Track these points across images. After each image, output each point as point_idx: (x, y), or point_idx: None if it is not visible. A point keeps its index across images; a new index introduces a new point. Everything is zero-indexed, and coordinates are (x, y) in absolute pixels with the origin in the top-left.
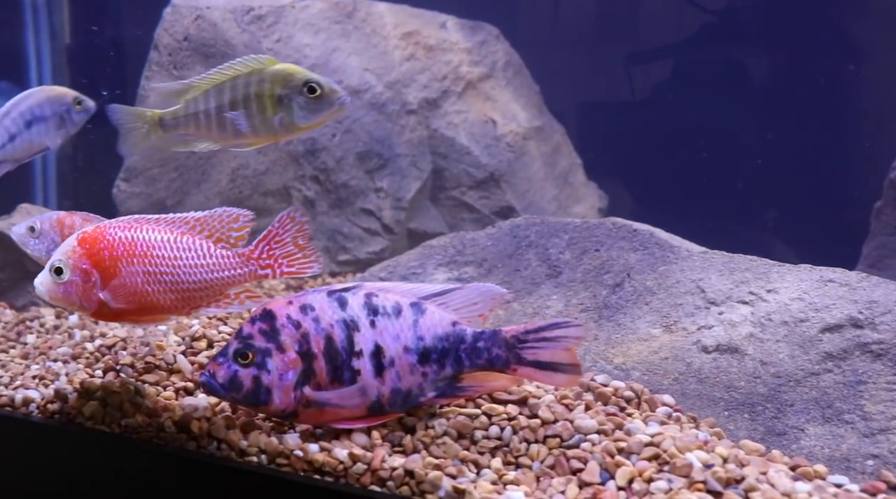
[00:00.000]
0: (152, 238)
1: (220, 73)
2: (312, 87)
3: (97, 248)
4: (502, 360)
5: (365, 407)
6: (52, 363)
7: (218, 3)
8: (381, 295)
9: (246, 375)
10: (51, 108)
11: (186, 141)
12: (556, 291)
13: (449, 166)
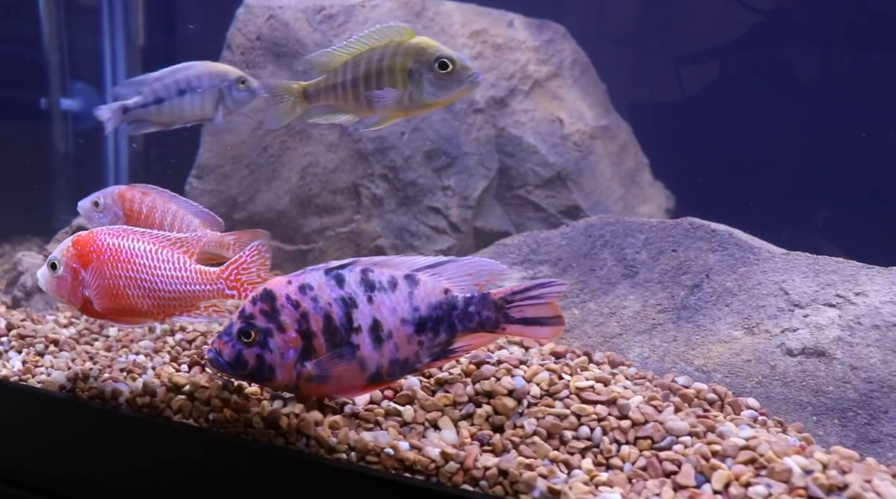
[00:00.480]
0: (137, 247)
1: (361, 42)
2: (444, 62)
3: (87, 250)
4: (492, 321)
5: (364, 379)
6: (135, 356)
7: (290, 2)
8: (377, 270)
9: (250, 354)
10: (209, 81)
11: (328, 113)
12: (632, 291)
13: (515, 165)
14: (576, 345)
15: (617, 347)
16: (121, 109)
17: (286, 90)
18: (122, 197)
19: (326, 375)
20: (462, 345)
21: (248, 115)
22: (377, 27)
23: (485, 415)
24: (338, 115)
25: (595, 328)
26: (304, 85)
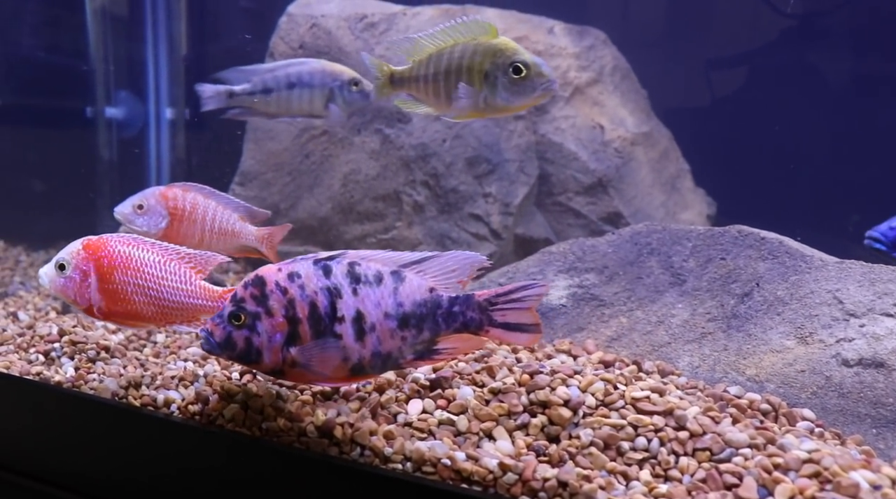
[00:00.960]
0: (146, 257)
1: (446, 34)
2: (518, 67)
3: (99, 254)
4: (476, 322)
5: (347, 369)
6: (184, 363)
7: (332, 11)
8: (364, 264)
9: (239, 336)
10: (321, 78)
11: (410, 102)
12: (680, 299)
13: (556, 172)
14: (624, 354)
15: (666, 356)
16: (226, 93)
17: (378, 69)
18: (164, 197)
19: (310, 361)
20: (447, 347)
21: (291, 123)
22: (463, 20)
23: (540, 425)
24: (420, 105)
25: (643, 337)
26: (392, 70)
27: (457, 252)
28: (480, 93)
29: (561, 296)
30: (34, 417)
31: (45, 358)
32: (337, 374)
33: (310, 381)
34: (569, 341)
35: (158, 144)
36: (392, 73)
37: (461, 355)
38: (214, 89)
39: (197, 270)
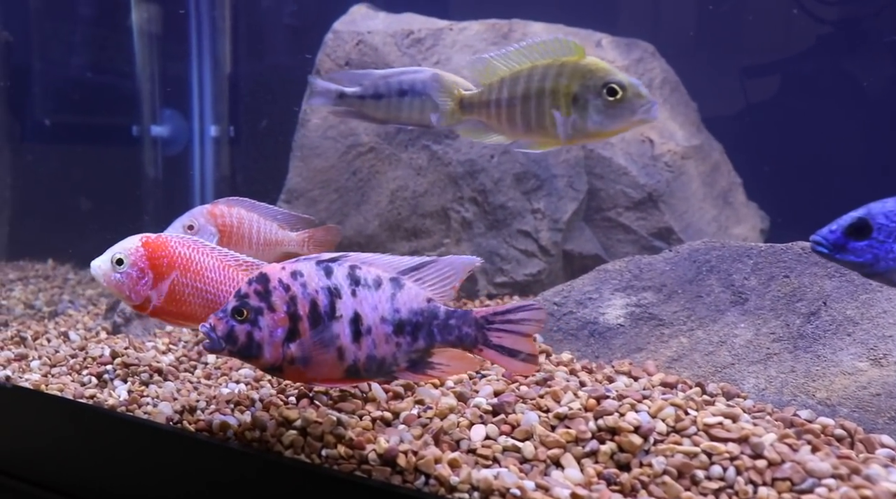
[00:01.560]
0: (206, 262)
1: (522, 54)
2: (613, 88)
3: (158, 254)
4: (471, 338)
5: (342, 370)
6: (236, 385)
7: (378, 27)
8: (364, 268)
9: (241, 330)
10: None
11: (479, 130)
12: (743, 318)
13: (605, 187)
14: (686, 375)
15: (730, 377)
16: (337, 93)
17: (448, 93)
18: (212, 214)
19: (308, 357)
20: (441, 363)
21: (338, 140)
22: (542, 39)
23: (609, 452)
24: (489, 134)
25: (705, 357)
26: (462, 94)
27: (451, 257)
28: (569, 118)
29: (618, 315)
30: (87, 440)
31: (98, 380)
32: (332, 374)
33: (307, 380)
34: (628, 362)
35: (202, 162)
36: (462, 98)
37: (453, 375)
38: (325, 86)
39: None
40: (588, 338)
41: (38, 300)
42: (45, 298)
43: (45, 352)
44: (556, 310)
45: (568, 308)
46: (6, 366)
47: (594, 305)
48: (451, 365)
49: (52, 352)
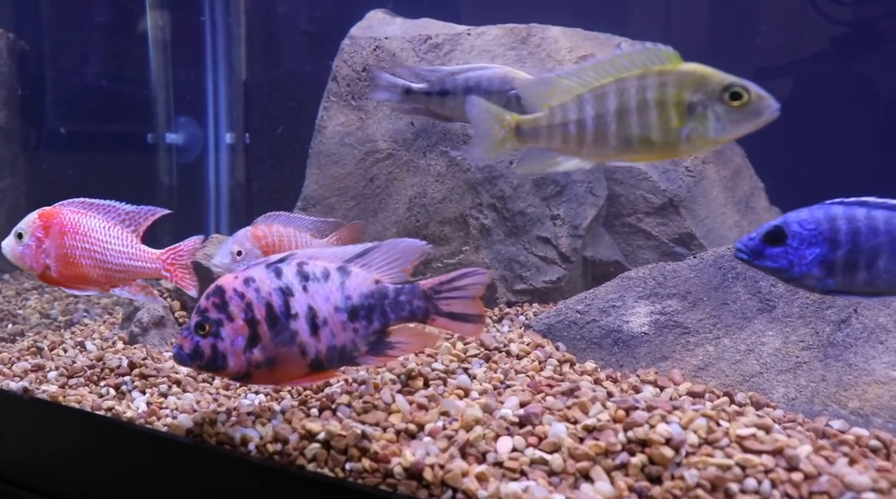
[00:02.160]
0: (93, 223)
1: (599, 69)
2: (737, 92)
3: (51, 222)
4: (422, 310)
5: (306, 365)
6: (255, 396)
7: (395, 33)
8: (311, 262)
9: (206, 344)
10: (499, 85)
11: (543, 160)
12: (770, 326)
13: (625, 192)
14: (713, 384)
15: (758, 386)
16: (403, 88)
17: (498, 120)
18: (256, 237)
19: (272, 359)
20: (399, 341)
21: (355, 147)
22: (624, 50)
23: (640, 465)
24: (561, 160)
25: (732, 366)
26: (519, 119)
27: (397, 240)
28: (682, 129)
29: (643, 323)
30: (106, 453)
31: (116, 392)
32: (298, 371)
33: (275, 381)
34: (654, 371)
35: (217, 169)
36: (519, 125)
37: (413, 352)
38: (391, 80)
39: (134, 231)
40: (612, 346)
41: (53, 310)
42: (60, 307)
43: (62, 362)
44: (579, 318)
45: (591, 316)
46: (23, 377)
47: (618, 314)
48: (409, 342)
49: (69, 362)
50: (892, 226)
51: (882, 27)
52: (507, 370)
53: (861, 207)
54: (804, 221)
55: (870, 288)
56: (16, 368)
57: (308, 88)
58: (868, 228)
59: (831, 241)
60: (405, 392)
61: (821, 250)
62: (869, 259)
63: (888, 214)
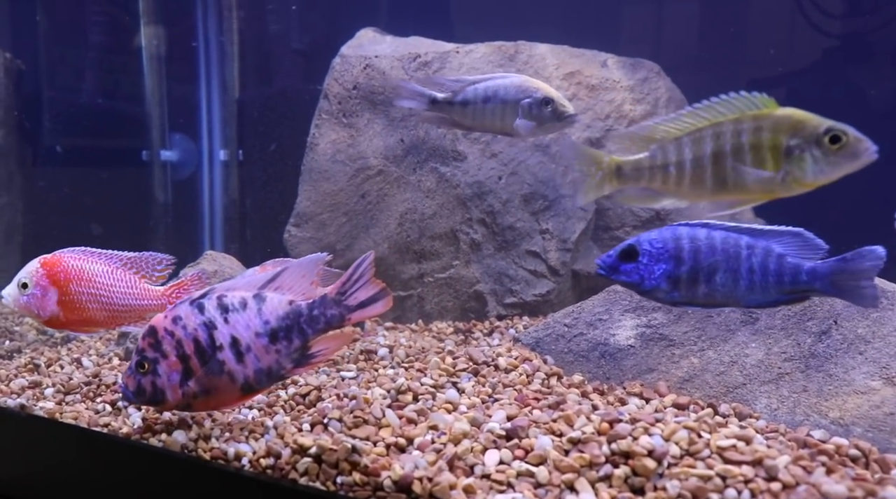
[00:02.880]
0: (96, 269)
1: (695, 115)
2: (836, 136)
3: (55, 270)
4: (337, 317)
5: (238, 389)
6: (249, 411)
7: (385, 51)
8: (230, 294)
9: (146, 381)
10: (514, 94)
11: (646, 196)
12: (753, 338)
13: (613, 206)
14: (697, 395)
15: (742, 398)
16: (429, 98)
17: (595, 162)
18: None
19: (206, 389)
20: (320, 349)
21: (346, 163)
22: (721, 97)
23: (623, 476)
24: (659, 197)
25: (716, 378)
26: (619, 161)
27: (300, 259)
28: (778, 173)
29: (629, 336)
30: (103, 469)
31: (112, 408)
32: (231, 396)
33: (214, 407)
34: (640, 384)
35: (212, 185)
36: (619, 166)
37: (335, 354)
38: (417, 90)
39: (141, 275)
40: (599, 359)
41: None
42: None
43: (59, 379)
44: (567, 331)
45: (578, 329)
46: (20, 394)
47: (604, 327)
48: (329, 347)
49: (66, 379)
50: (727, 245)
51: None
52: (496, 384)
53: (703, 228)
54: (653, 241)
55: (709, 300)
56: (13, 385)
57: (300, 106)
58: (707, 247)
59: (676, 258)
60: (395, 407)
61: (667, 266)
62: (708, 274)
63: (725, 234)
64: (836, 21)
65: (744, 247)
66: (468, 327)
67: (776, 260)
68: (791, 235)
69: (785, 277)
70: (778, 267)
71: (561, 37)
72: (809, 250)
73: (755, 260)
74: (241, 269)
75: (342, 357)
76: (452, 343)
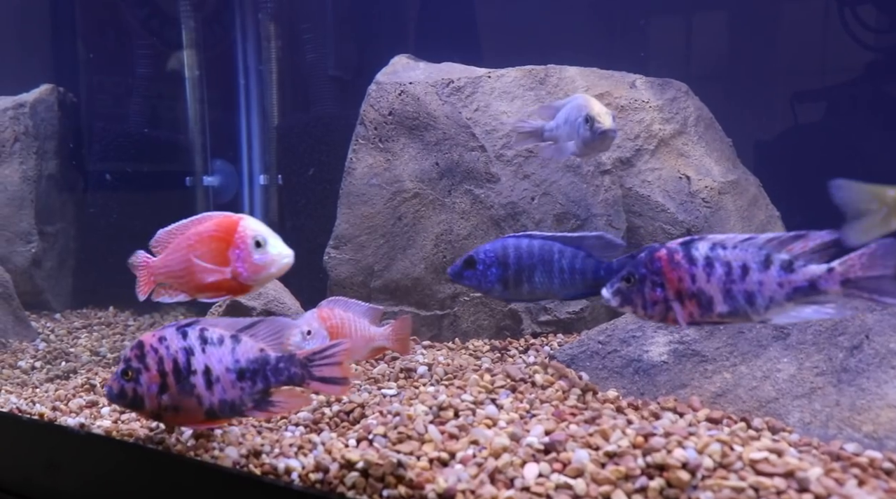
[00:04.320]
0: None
1: None
2: None
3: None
4: (298, 376)
5: (203, 413)
6: (295, 427)
7: (419, 78)
8: (211, 329)
9: (129, 387)
10: (573, 114)
11: None
12: (785, 353)
13: (644, 224)
14: (730, 410)
15: (775, 412)
16: (539, 131)
17: (876, 198)
18: (322, 318)
19: (177, 405)
20: (280, 400)
21: (383, 187)
22: None
23: (658, 488)
24: None
25: (749, 393)
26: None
27: (278, 319)
28: None
29: (662, 352)
30: (158, 484)
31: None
32: (196, 416)
33: (181, 423)
34: (673, 399)
35: (252, 209)
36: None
37: (292, 411)
38: (532, 127)
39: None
40: (633, 375)
41: (102, 347)
42: (108, 344)
43: None
44: (601, 348)
45: (612, 346)
46: (79, 413)
47: (638, 343)
48: (288, 402)
49: None
50: (543, 251)
51: None
52: (533, 400)
53: (526, 238)
54: (487, 251)
55: (531, 296)
56: (72, 405)
57: (337, 131)
58: (527, 254)
59: (503, 264)
60: (437, 423)
61: (497, 271)
62: (528, 275)
63: (542, 242)
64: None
65: (556, 252)
66: (504, 345)
67: (581, 260)
68: (594, 238)
69: (588, 273)
70: (582, 266)
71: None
72: (609, 249)
73: (564, 262)
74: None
75: (383, 376)
76: (489, 361)
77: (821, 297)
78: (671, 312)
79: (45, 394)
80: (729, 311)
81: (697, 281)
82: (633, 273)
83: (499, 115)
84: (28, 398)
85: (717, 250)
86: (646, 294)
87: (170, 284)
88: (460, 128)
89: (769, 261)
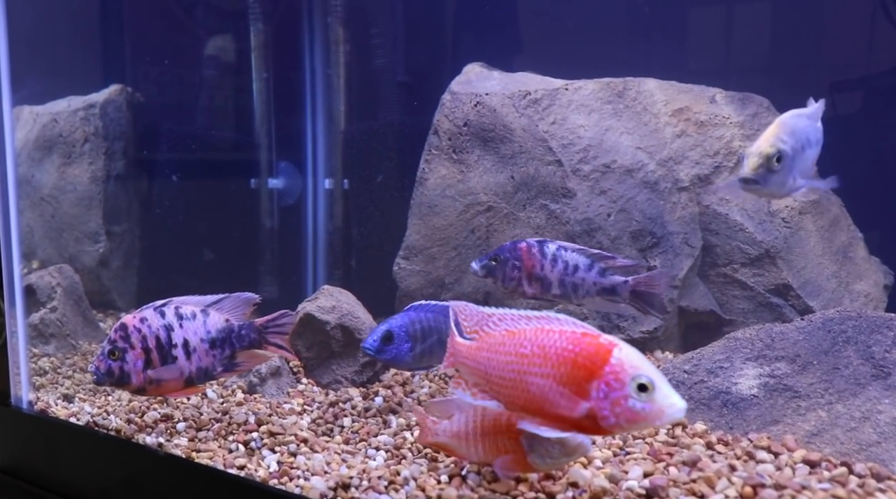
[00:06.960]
0: None
1: None
2: None
3: None
4: (256, 341)
5: (182, 381)
6: (375, 451)
7: (495, 89)
8: (184, 306)
9: (115, 366)
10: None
11: None
12: (886, 394)
13: (721, 243)
14: (828, 451)
15: (877, 456)
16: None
17: None
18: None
19: (161, 379)
20: (243, 361)
21: (456, 199)
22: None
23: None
24: None
25: (847, 434)
26: None
27: (239, 293)
28: None
29: (752, 385)
30: None
31: (245, 448)
32: (177, 386)
33: (163, 393)
34: (767, 436)
35: (315, 213)
36: None
37: (253, 366)
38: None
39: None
40: (721, 408)
41: None
42: None
43: (189, 413)
44: (687, 378)
45: (699, 377)
46: (154, 427)
47: (726, 375)
48: (249, 361)
49: (196, 413)
50: (437, 323)
51: None
52: (625, 436)
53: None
54: (400, 326)
55: (433, 363)
56: (147, 418)
57: (405, 138)
58: (428, 328)
59: (414, 337)
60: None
61: (410, 344)
62: (430, 346)
63: (435, 315)
64: None
65: (443, 322)
66: None
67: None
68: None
69: None
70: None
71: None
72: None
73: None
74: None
75: None
76: None
77: (616, 298)
78: (520, 287)
79: (119, 403)
80: (560, 294)
81: (544, 270)
82: (499, 255)
83: (576, 129)
84: (102, 408)
85: (560, 251)
86: (507, 272)
87: (477, 384)
88: (537, 141)
89: (592, 266)
